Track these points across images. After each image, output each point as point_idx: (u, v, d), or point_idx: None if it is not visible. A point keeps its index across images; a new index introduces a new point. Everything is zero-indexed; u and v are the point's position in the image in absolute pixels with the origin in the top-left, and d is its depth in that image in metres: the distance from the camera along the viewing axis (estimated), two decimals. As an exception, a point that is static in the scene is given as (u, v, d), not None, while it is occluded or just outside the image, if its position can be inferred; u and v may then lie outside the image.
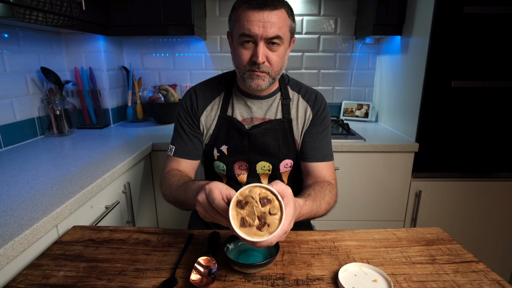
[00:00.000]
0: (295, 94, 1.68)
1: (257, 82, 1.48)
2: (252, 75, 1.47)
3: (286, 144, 1.64)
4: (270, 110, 1.64)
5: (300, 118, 1.65)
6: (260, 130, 1.60)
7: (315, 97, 1.68)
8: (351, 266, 1.15)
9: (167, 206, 2.65)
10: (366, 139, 2.62)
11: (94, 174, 1.78)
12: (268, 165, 1.64)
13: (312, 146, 1.65)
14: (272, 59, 1.44)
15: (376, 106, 3.45)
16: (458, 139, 2.52)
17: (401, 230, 1.42)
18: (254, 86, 1.49)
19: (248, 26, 1.38)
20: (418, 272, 1.15)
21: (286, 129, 1.63)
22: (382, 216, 2.73)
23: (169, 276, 1.12)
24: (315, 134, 1.66)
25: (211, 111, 1.65)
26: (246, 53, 1.44)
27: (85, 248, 1.28)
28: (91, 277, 1.11)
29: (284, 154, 1.64)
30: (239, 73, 1.51)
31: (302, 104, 1.66)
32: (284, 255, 1.24)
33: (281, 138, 1.63)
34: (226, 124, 1.62)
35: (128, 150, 2.25)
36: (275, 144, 1.62)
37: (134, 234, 1.38)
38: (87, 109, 3.02)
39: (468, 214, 2.70)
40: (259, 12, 1.37)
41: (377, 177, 2.64)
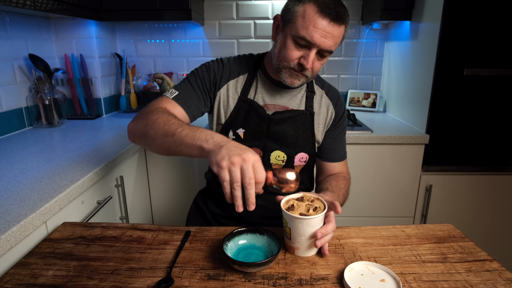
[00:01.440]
0: (319, 89, 1.74)
1: (293, 81, 1.53)
2: (292, 73, 1.51)
3: (304, 137, 1.67)
4: (293, 100, 1.67)
5: (322, 114, 1.71)
6: (282, 117, 1.63)
7: (337, 96, 1.77)
8: (358, 265, 1.15)
9: (163, 201, 2.65)
10: (373, 131, 2.62)
11: (85, 167, 1.78)
12: (283, 156, 1.65)
13: (333, 147, 1.76)
14: (315, 66, 1.49)
15: (384, 95, 3.44)
16: (471, 130, 2.51)
17: (410, 227, 1.41)
18: (288, 82, 1.54)
19: (312, 32, 1.38)
20: (429, 271, 1.15)
21: (307, 121, 1.67)
22: (391, 212, 2.73)
23: (165, 275, 1.12)
24: (337, 135, 1.76)
25: (231, 89, 1.65)
26: (296, 53, 1.46)
27: (76, 245, 1.27)
28: (82, 276, 1.11)
29: (301, 146, 1.67)
30: (277, 64, 1.53)
31: (325, 101, 1.72)
32: (286, 253, 1.24)
33: (300, 130, 1.65)
34: (246, 107, 1.63)
35: (121, 142, 2.25)
36: (293, 134, 1.64)
37: (127, 231, 1.37)
38: (78, 99, 3.02)
39: (482, 209, 2.70)
40: (328, 22, 1.37)
41: (385, 170, 2.64)
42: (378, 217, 2.76)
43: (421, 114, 2.63)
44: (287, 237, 1.23)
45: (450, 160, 2.58)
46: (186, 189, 2.66)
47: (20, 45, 2.54)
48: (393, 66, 3.23)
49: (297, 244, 1.21)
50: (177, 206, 2.69)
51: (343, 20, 1.39)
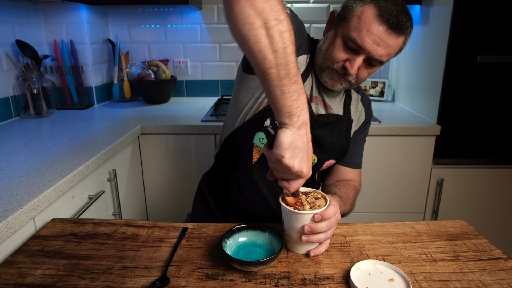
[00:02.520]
0: (354, 93, 1.72)
1: (334, 84, 1.50)
2: (334, 75, 1.48)
3: (341, 145, 1.65)
4: (335, 102, 1.64)
5: (356, 120, 1.71)
6: (327, 121, 1.59)
7: (369, 103, 1.78)
8: (365, 263, 1.14)
9: (158, 196, 2.65)
10: (381, 121, 2.62)
11: (76, 160, 1.78)
12: (314, 159, 1.63)
13: (352, 152, 1.74)
14: (361, 74, 1.46)
15: (393, 84, 3.44)
16: (485, 120, 2.50)
17: (420, 223, 1.41)
18: (329, 84, 1.51)
19: (364, 36, 1.35)
20: (440, 270, 1.14)
21: (345, 128, 1.65)
22: (400, 208, 2.73)
23: (160, 274, 1.11)
24: (358, 140, 1.76)
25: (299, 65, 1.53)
26: (343, 55, 1.43)
27: (66, 243, 1.27)
28: (72, 275, 1.10)
29: (334, 153, 1.65)
30: (321, 62, 1.50)
31: (360, 107, 1.72)
32: (289, 251, 1.24)
33: (338, 137, 1.63)
34: None
35: (114, 133, 2.25)
36: (331, 141, 1.62)
37: (120, 228, 1.37)
38: (68, 88, 3.01)
39: (497, 205, 2.70)
40: (385, 30, 1.34)
41: (394, 163, 2.64)
42: (386, 213, 2.76)
43: (432, 103, 2.63)
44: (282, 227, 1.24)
45: (462, 152, 2.58)
46: (183, 183, 2.66)
47: (7, 30, 2.53)
48: (402, 53, 3.22)
49: (287, 237, 1.22)
50: (174, 201, 2.69)
51: (403, 30, 1.35)
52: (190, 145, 2.58)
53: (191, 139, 2.58)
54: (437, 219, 2.70)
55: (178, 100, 3.44)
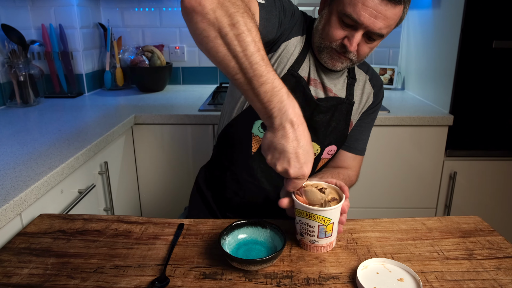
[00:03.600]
0: (362, 74, 1.71)
1: (334, 63, 1.50)
2: (334, 55, 1.48)
3: (340, 128, 1.65)
4: (336, 84, 1.63)
5: (362, 103, 1.70)
6: (328, 105, 1.59)
7: (381, 85, 1.76)
8: (372, 262, 1.14)
9: (152, 190, 2.65)
10: (390, 110, 2.61)
11: (65, 152, 1.77)
12: (317, 148, 1.63)
13: (356, 136, 1.74)
14: (362, 50, 1.46)
15: (403, 70, 3.43)
16: (500, 110, 2.50)
17: (432, 219, 1.41)
18: (330, 65, 1.51)
19: (359, 11, 1.34)
20: (453, 269, 1.14)
21: (345, 111, 1.64)
22: (410, 203, 2.73)
23: (155, 274, 1.11)
24: (364, 124, 1.75)
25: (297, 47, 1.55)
26: (340, 33, 1.43)
27: (54, 240, 1.27)
28: (61, 275, 1.10)
29: (334, 138, 1.65)
30: (319, 42, 1.50)
31: (367, 88, 1.71)
32: (292, 249, 1.23)
33: (337, 120, 1.63)
34: (292, 83, 1.55)
35: (106, 123, 2.25)
36: (330, 125, 1.62)
37: (112, 224, 1.37)
38: (57, 75, 3.01)
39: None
40: (380, 1, 1.33)
41: (404, 155, 2.63)
42: (395, 208, 2.76)
43: (444, 92, 2.62)
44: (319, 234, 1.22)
45: (477, 143, 2.58)
46: (179, 177, 2.66)
47: (-9, 13, 2.53)
48: (412, 38, 3.21)
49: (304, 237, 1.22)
50: (169, 196, 2.69)
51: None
52: (187, 136, 2.58)
53: (187, 130, 2.57)
54: (449, 214, 2.70)
55: (174, 88, 3.43)
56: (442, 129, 2.58)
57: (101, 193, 2.10)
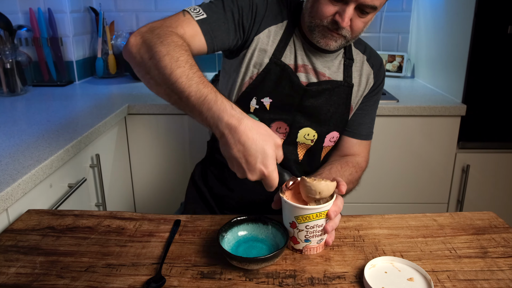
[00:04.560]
0: (359, 54, 1.71)
1: (328, 42, 1.50)
2: (326, 33, 1.48)
3: (340, 113, 1.65)
4: (331, 67, 1.63)
5: (362, 85, 1.69)
6: (319, 89, 1.59)
7: (380, 63, 1.75)
8: (381, 260, 1.14)
9: (147, 185, 2.65)
10: (399, 100, 2.61)
11: (54, 144, 1.77)
12: (314, 134, 1.63)
13: (359, 121, 1.74)
14: (356, 25, 1.45)
15: (412, 57, 3.43)
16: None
17: (443, 215, 1.41)
18: (323, 44, 1.50)
19: None
20: (466, 268, 1.14)
21: (344, 95, 1.64)
22: (420, 198, 2.74)
23: (150, 273, 1.11)
24: (367, 107, 1.74)
25: (273, 36, 1.57)
26: (330, 9, 1.42)
27: (43, 238, 1.27)
28: (50, 274, 1.10)
29: (334, 124, 1.65)
30: (309, 21, 1.50)
31: (366, 69, 1.70)
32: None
33: (336, 105, 1.63)
34: (277, 72, 1.57)
35: (98, 113, 2.24)
36: (328, 110, 1.62)
37: (105, 220, 1.37)
38: (46, 62, 3.01)
39: (528, 194, 2.70)
40: None
41: (414, 148, 2.63)
42: (405, 204, 2.77)
43: (457, 80, 2.62)
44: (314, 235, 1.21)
45: (491, 135, 2.57)
46: (175, 171, 2.66)
47: (-25, -3, 2.52)
48: (423, 23, 3.21)
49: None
50: (164, 191, 2.69)
51: None
52: (184, 126, 2.58)
53: (184, 120, 2.57)
54: (462, 210, 2.70)
55: (169, 76, 3.39)
56: (454, 119, 2.57)
57: (93, 188, 2.10)
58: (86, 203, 2.02)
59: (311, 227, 1.16)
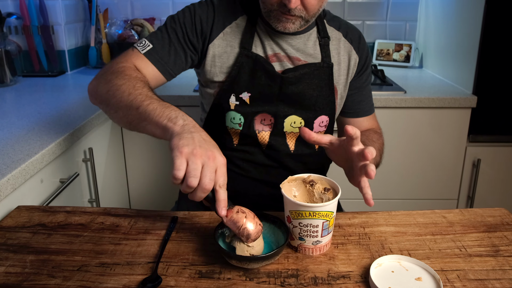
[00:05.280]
0: (334, 31, 1.71)
1: (285, 25, 1.51)
2: (280, 17, 1.49)
3: (324, 95, 1.66)
4: (305, 49, 1.64)
5: (344, 62, 1.70)
6: (296, 75, 1.60)
7: (358, 37, 1.75)
8: (387, 259, 1.14)
9: (142, 180, 2.65)
10: (407, 91, 2.61)
11: (46, 137, 1.77)
12: (300, 121, 1.65)
13: (358, 99, 1.78)
14: (308, 3, 1.44)
15: (420, 47, 3.42)
16: (530, 90, 2.50)
17: (453, 212, 1.41)
18: (281, 28, 1.52)
19: None
20: (476, 267, 1.14)
21: (325, 76, 1.65)
22: (429, 193, 2.74)
23: (146, 272, 1.11)
24: (361, 85, 1.77)
25: (229, 38, 1.61)
26: None
27: (34, 235, 1.27)
28: (41, 274, 1.10)
29: (320, 107, 1.66)
30: (263, 9, 1.51)
31: (344, 46, 1.70)
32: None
33: (319, 88, 1.64)
34: (250, 64, 1.60)
35: (91, 105, 2.20)
36: (311, 94, 1.63)
37: (98, 217, 1.37)
38: (36, 51, 3.00)
39: (542, 190, 2.70)
40: None
41: (422, 141, 2.63)
42: (412, 200, 2.77)
43: (467, 70, 2.61)
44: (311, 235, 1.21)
45: (503, 127, 2.57)
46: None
47: (-38, -17, 2.52)
48: (431, 10, 3.20)
49: None
50: (161, 186, 2.70)
51: None
52: (181, 119, 2.56)
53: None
54: (472, 206, 2.70)
55: (166, 66, 3.39)
56: (465, 111, 2.57)
57: (86, 183, 2.10)
58: (78, 199, 2.02)
59: (304, 226, 1.16)
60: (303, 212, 1.14)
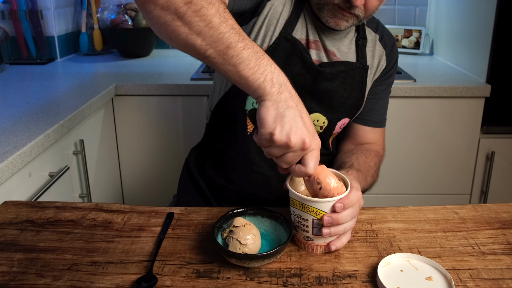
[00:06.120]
0: (371, 33, 1.70)
1: (338, 22, 1.48)
2: (336, 12, 1.46)
3: (354, 98, 1.64)
4: (340, 46, 1.62)
5: (374, 67, 1.68)
6: (333, 71, 1.57)
7: (393, 44, 1.74)
8: (396, 258, 1.14)
9: (136, 174, 2.65)
10: (416, 79, 2.61)
11: (34, 128, 1.77)
12: (324, 121, 1.62)
13: (371, 107, 1.73)
14: (370, 3, 1.44)
15: (431, 32, 3.42)
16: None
17: (466, 208, 1.41)
18: (332, 24, 1.48)
19: None
20: (490, 266, 1.14)
21: (359, 78, 1.63)
22: (440, 188, 2.74)
23: (140, 271, 1.11)
24: (379, 92, 1.74)
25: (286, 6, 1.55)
26: None
27: (21, 232, 1.27)
28: (29, 273, 1.10)
29: (347, 110, 1.64)
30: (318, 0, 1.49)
31: (378, 49, 1.69)
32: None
33: (351, 88, 1.62)
34: (287, 47, 1.55)
35: (82, 94, 2.24)
36: (342, 95, 1.61)
37: (90, 213, 1.37)
38: (24, 37, 3.00)
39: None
40: None
41: (432, 133, 2.63)
42: (422, 195, 2.77)
43: (480, 57, 2.61)
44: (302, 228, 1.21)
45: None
46: (168, 158, 2.66)
47: None
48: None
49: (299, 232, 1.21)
50: (156, 180, 2.70)
51: None
52: (177, 109, 2.57)
53: (178, 102, 2.57)
54: (486, 202, 2.71)
55: (161, 53, 3.43)
56: (478, 101, 2.57)
57: (76, 177, 2.10)
58: (69, 194, 2.02)
59: (296, 216, 1.17)
60: (294, 200, 1.16)
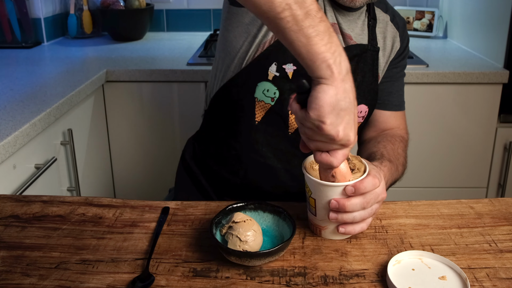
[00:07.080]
0: (381, 13, 1.71)
1: None
2: None
3: (367, 82, 1.64)
4: (354, 28, 1.63)
5: (387, 49, 1.70)
6: (349, 56, 1.53)
7: (403, 24, 1.77)
8: (407, 255, 1.14)
9: (128, 166, 2.65)
10: (429, 64, 2.61)
11: (19, 117, 1.77)
12: None
13: (388, 89, 1.75)
14: None
15: (445, 14, 3.41)
16: None
17: (482, 202, 1.40)
18: (347, 1, 1.50)
19: None
20: (508, 264, 1.14)
21: (370, 60, 1.64)
22: (454, 181, 2.74)
23: (133, 270, 1.11)
24: (394, 75, 1.76)
25: None
26: None
27: (5, 228, 1.27)
28: (14, 272, 1.10)
29: (361, 95, 1.61)
30: None
31: (391, 30, 1.71)
32: (305, 239, 1.23)
33: (363, 72, 1.63)
34: None
35: (70, 80, 2.24)
36: (355, 79, 1.57)
37: (79, 208, 1.37)
38: (8, 19, 3.00)
39: None
40: None
41: (446, 121, 2.63)
42: (436, 188, 2.78)
43: (498, 41, 2.61)
44: (310, 211, 1.22)
45: (538, 106, 2.58)
46: (163, 149, 2.67)
47: None
48: (458, -28, 3.18)
49: (323, 222, 1.20)
50: (150, 173, 2.70)
51: None
52: (172, 96, 2.57)
53: (173, 89, 2.57)
54: (504, 196, 2.71)
55: (155, 36, 3.43)
56: (495, 87, 2.57)
57: (64, 169, 2.10)
58: (56, 188, 2.02)
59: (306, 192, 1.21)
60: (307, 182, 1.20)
